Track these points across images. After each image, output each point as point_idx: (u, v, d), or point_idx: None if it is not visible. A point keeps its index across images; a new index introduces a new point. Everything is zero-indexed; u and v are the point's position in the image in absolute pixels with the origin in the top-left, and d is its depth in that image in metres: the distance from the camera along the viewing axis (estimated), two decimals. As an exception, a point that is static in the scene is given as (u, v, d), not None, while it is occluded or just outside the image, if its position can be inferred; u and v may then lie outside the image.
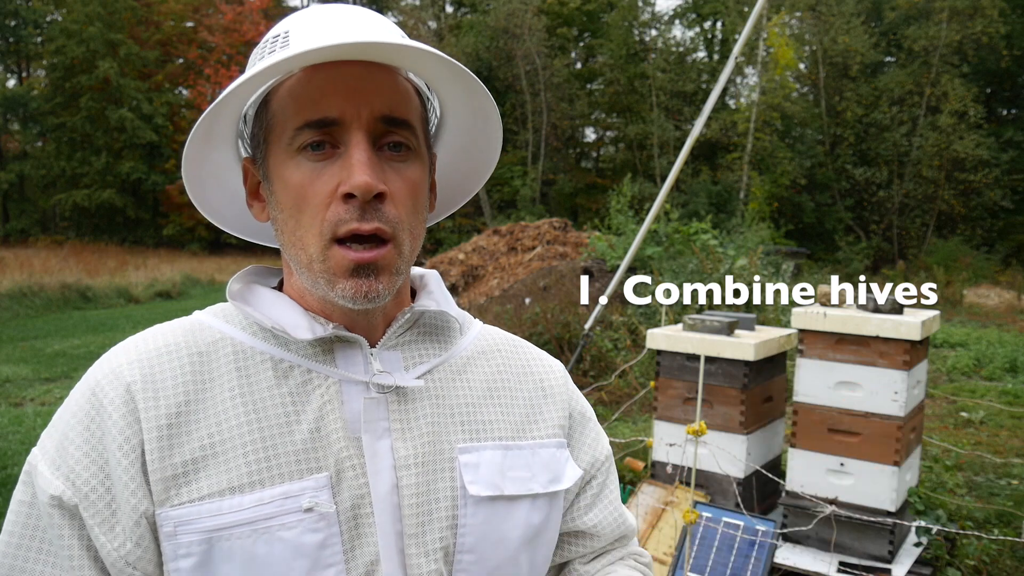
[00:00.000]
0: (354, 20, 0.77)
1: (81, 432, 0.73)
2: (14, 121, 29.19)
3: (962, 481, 4.37)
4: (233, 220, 0.91)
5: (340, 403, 0.77)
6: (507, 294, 9.67)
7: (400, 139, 0.76)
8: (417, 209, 0.78)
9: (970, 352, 8.62)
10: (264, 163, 0.78)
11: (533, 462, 0.84)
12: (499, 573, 0.81)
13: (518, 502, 0.82)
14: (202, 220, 13.41)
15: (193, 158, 0.79)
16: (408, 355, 0.82)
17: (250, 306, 0.81)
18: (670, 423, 3.78)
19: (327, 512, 0.73)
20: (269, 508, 0.71)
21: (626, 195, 11.47)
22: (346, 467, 0.75)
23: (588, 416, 0.95)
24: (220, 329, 0.79)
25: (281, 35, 0.77)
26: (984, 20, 19.59)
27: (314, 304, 0.80)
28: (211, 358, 0.77)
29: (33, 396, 7.10)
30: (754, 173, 20.47)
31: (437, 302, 0.86)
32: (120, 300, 14.85)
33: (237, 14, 29.32)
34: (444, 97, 0.84)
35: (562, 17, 26.50)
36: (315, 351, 0.78)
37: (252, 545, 0.71)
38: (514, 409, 0.87)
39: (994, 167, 19.86)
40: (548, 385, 0.91)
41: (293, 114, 0.74)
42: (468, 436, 0.82)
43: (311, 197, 0.73)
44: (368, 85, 0.73)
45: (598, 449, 0.94)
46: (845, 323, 3.25)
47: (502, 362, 0.90)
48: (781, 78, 20.67)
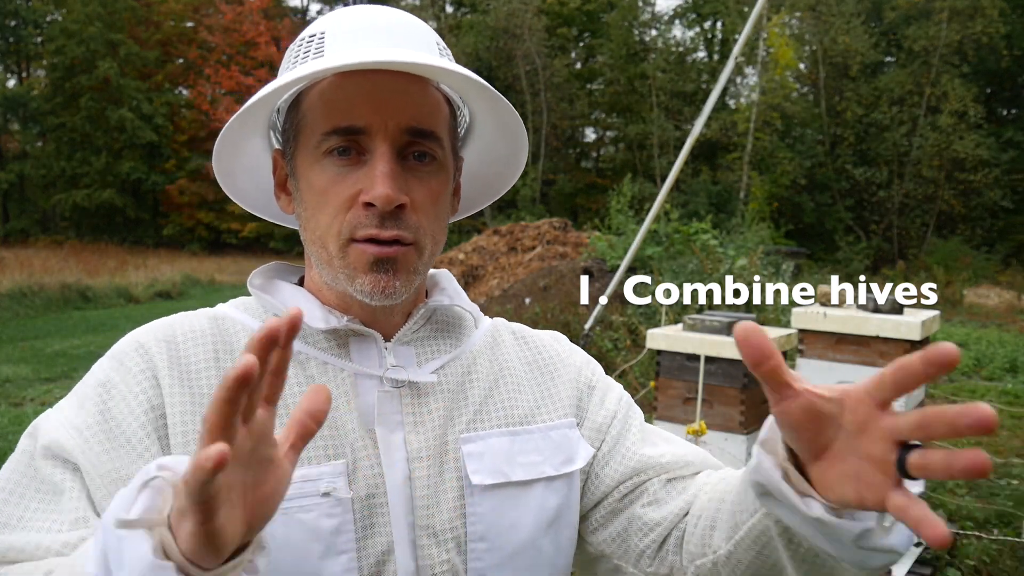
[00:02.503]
0: (390, 26, 0.78)
1: (99, 394, 0.74)
2: (14, 121, 29.18)
3: (962, 481, 4.37)
4: (263, 205, 0.93)
5: (355, 395, 0.79)
6: (507, 294, 9.67)
7: (425, 149, 0.77)
8: (439, 216, 0.80)
9: (970, 352, 8.62)
10: (292, 160, 0.80)
11: (544, 445, 0.85)
12: (518, 559, 0.81)
13: (530, 487, 0.82)
14: (202, 220, 13.41)
15: (224, 145, 0.81)
16: (421, 350, 0.84)
17: (271, 297, 0.83)
18: (670, 423, 3.78)
19: (343, 498, 0.74)
20: (289, 490, 0.72)
21: (626, 195, 11.46)
22: (361, 457, 0.77)
23: (593, 386, 0.93)
24: (241, 320, 0.82)
25: (317, 35, 0.78)
26: (984, 20, 19.59)
27: (333, 299, 0.82)
28: (233, 347, 0.79)
29: (33, 396, 7.10)
30: (754, 173, 20.47)
31: (450, 297, 0.88)
32: (120, 300, 14.84)
33: (237, 14, 29.30)
34: (473, 107, 0.86)
35: (562, 17, 26.50)
36: (330, 344, 0.80)
37: (271, 525, 0.72)
38: (521, 395, 0.87)
39: (994, 167, 19.86)
40: (554, 367, 0.92)
41: (322, 118, 0.75)
42: (473, 426, 0.83)
43: (333, 199, 0.75)
44: (397, 97, 0.75)
45: (602, 410, 0.91)
46: (845, 323, 3.25)
47: (509, 351, 0.91)
48: (781, 78, 20.69)
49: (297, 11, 34.37)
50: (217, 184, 0.87)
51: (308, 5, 33.35)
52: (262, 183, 0.89)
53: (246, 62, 29.18)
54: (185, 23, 30.60)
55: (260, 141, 0.86)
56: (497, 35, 24.23)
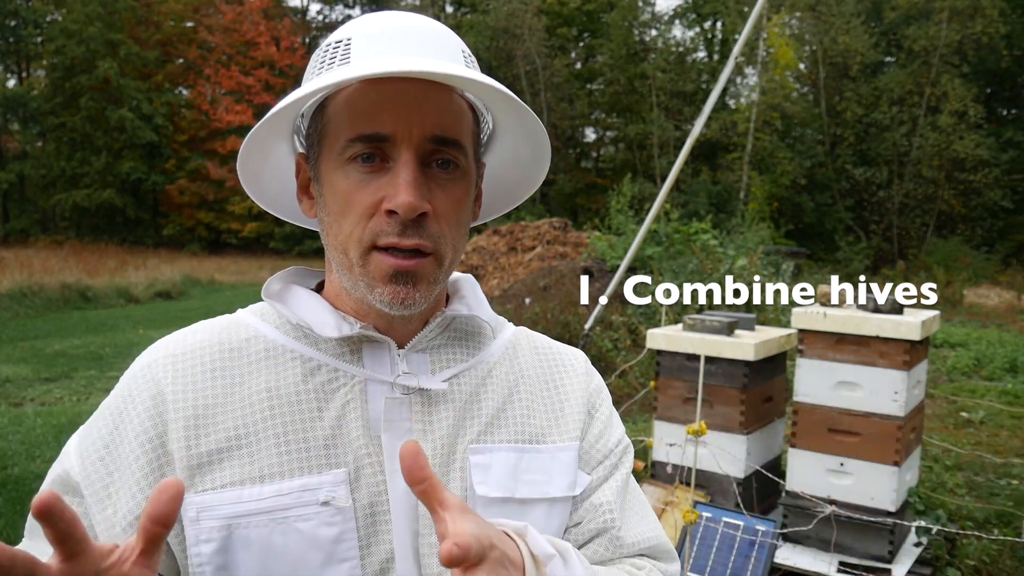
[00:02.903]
0: (415, 34, 0.78)
1: (107, 421, 0.79)
2: (14, 121, 29.19)
3: (962, 481, 4.37)
4: (285, 208, 0.93)
5: (364, 402, 0.79)
6: (507, 294, 9.67)
7: (449, 157, 0.77)
8: (460, 223, 0.80)
9: (970, 352, 8.62)
10: (316, 164, 0.80)
11: (551, 466, 0.84)
12: None
13: (532, 506, 0.82)
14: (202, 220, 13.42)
15: (251, 149, 0.82)
16: (436, 358, 0.84)
17: (284, 305, 0.83)
18: (670, 423, 3.78)
19: (343, 507, 0.75)
20: (287, 499, 0.74)
21: (626, 195, 11.47)
22: (365, 464, 0.77)
23: (593, 414, 0.92)
24: (255, 327, 0.83)
25: (344, 42, 0.78)
26: (984, 20, 19.58)
27: (350, 304, 0.82)
28: (242, 354, 0.80)
29: (33, 396, 7.10)
30: (754, 173, 20.47)
31: (469, 307, 0.87)
32: (120, 300, 14.84)
33: (237, 14, 29.33)
34: (497, 114, 0.86)
35: (562, 17, 26.52)
36: (343, 351, 0.81)
37: (269, 534, 0.73)
38: (535, 412, 0.87)
39: (994, 167, 19.86)
40: (571, 388, 0.91)
41: (347, 125, 0.76)
42: (482, 437, 0.82)
43: (355, 205, 0.75)
44: (422, 104, 0.75)
45: (598, 445, 0.90)
46: (845, 323, 3.25)
47: (527, 365, 0.90)
48: (781, 78, 20.69)
49: (297, 11, 34.39)
50: (217, 184, 0.88)
51: (308, 5, 33.36)
52: (288, 187, 0.90)
53: (246, 62, 29.19)
54: (185, 23, 30.62)
55: (285, 145, 0.87)
56: (497, 35, 24.24)
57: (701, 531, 3.26)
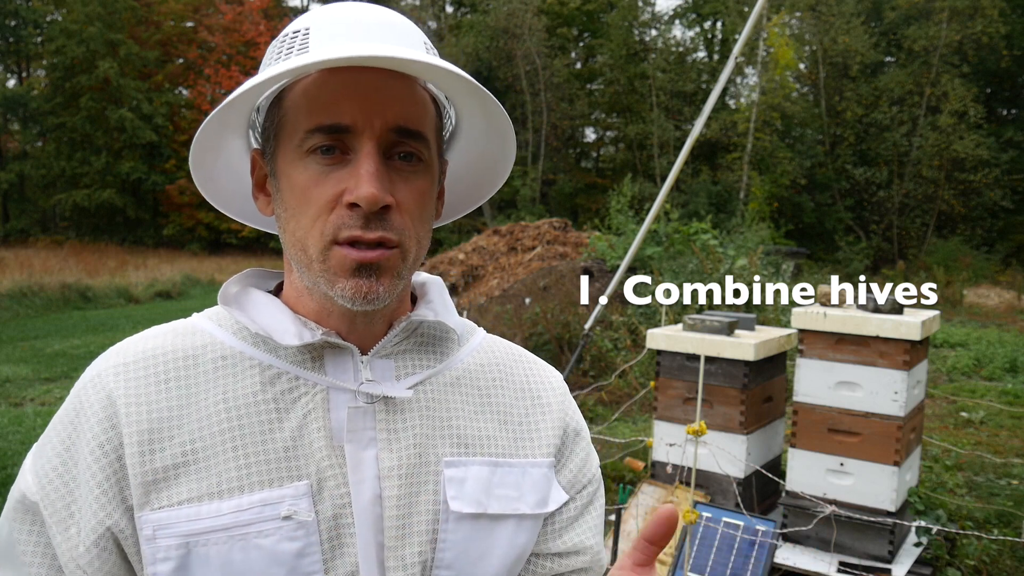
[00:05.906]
0: (376, 24, 0.75)
1: (60, 435, 0.75)
2: (14, 121, 29.19)
3: (962, 481, 4.37)
4: (240, 209, 0.90)
5: (325, 411, 0.75)
6: (507, 294, 9.67)
7: (411, 150, 0.74)
8: (424, 218, 0.77)
9: (970, 352, 8.62)
10: (273, 159, 0.77)
11: (523, 481, 0.82)
12: None
13: (502, 521, 0.80)
14: (202, 220, 13.44)
15: (204, 146, 0.78)
16: (401, 364, 0.80)
17: (242, 310, 0.80)
18: (670, 423, 3.78)
19: (306, 521, 0.72)
20: (247, 515, 0.71)
21: (626, 195, 11.48)
22: (327, 476, 0.74)
23: (581, 435, 0.91)
24: (212, 333, 0.78)
25: (301, 31, 0.75)
26: (984, 20, 19.59)
27: (311, 306, 0.78)
28: (198, 362, 0.76)
29: (33, 396, 7.10)
30: (754, 173, 20.47)
31: (436, 312, 0.84)
32: (120, 300, 14.84)
33: (237, 14, 29.33)
34: (460, 108, 0.83)
35: (562, 17, 26.52)
36: (304, 358, 0.77)
37: (229, 551, 0.71)
38: (508, 425, 0.84)
39: (994, 167, 19.87)
40: (546, 401, 0.88)
41: (306, 116, 0.73)
42: (457, 450, 0.79)
43: (315, 199, 0.72)
44: (384, 95, 0.72)
45: (584, 471, 0.89)
46: (845, 323, 3.25)
47: (499, 375, 0.87)
48: (781, 78, 20.69)
49: (297, 11, 34.40)
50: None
51: (308, 5, 33.35)
52: (242, 187, 0.85)
53: (246, 62, 29.17)
54: (185, 23, 30.62)
55: (239, 143, 0.83)
56: (497, 35, 24.24)
57: (701, 531, 3.26)
